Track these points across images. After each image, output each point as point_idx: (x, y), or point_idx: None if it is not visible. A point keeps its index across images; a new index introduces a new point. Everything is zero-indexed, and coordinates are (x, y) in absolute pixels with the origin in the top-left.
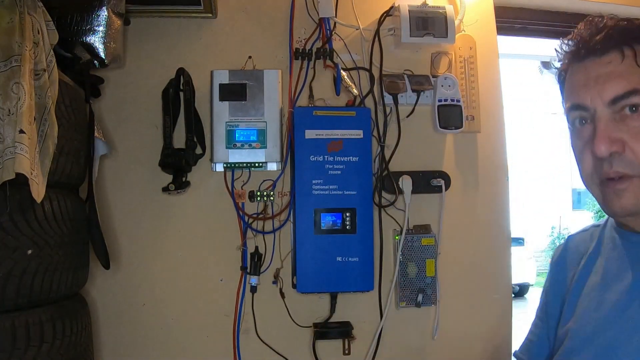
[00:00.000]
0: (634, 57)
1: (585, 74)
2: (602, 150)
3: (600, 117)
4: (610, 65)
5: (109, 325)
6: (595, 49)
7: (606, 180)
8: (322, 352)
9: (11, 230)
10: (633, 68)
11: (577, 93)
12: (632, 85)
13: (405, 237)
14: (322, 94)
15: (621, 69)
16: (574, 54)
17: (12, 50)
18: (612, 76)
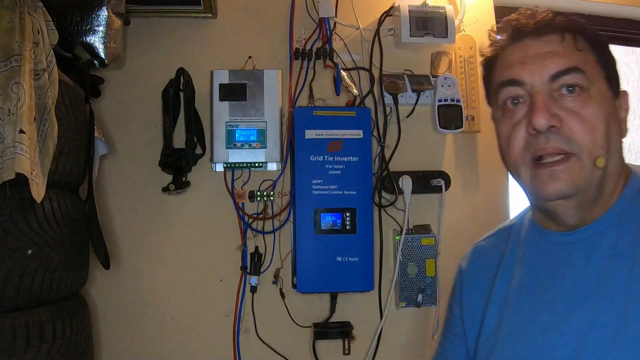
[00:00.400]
0: (574, 41)
1: (522, 52)
2: (542, 122)
3: (539, 92)
4: (550, 45)
5: (109, 325)
6: (535, 30)
7: (540, 161)
8: (322, 352)
9: (11, 230)
10: (572, 50)
11: (512, 69)
12: (573, 63)
13: (405, 237)
14: (322, 94)
15: (561, 49)
16: (510, 37)
17: (12, 50)
18: (552, 54)
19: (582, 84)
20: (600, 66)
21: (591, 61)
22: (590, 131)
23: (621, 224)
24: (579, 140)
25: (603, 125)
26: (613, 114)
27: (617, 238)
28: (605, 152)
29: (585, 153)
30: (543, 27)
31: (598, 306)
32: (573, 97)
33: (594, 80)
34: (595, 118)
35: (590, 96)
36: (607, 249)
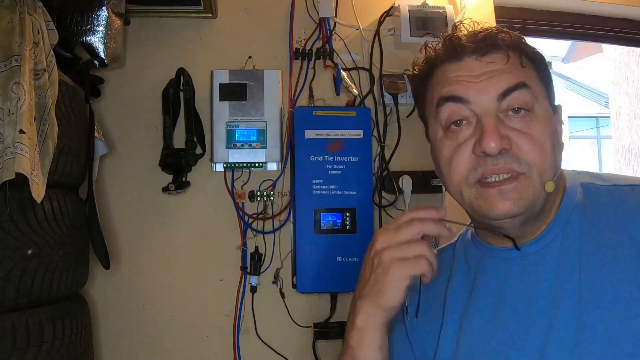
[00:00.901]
0: (519, 58)
1: (466, 71)
2: (493, 146)
3: (488, 114)
4: (495, 65)
5: (109, 325)
6: (476, 49)
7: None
8: (322, 352)
9: (11, 230)
10: (518, 68)
11: (455, 86)
12: (520, 79)
13: None
14: (322, 94)
15: (506, 67)
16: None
17: (12, 50)
18: (498, 72)
19: (528, 103)
20: (542, 83)
21: (534, 78)
22: (539, 150)
23: (565, 235)
24: (529, 159)
25: (550, 143)
26: (555, 131)
27: (562, 250)
28: (554, 172)
29: (535, 172)
30: (487, 46)
31: (553, 319)
32: (520, 118)
33: (538, 97)
34: (543, 137)
35: (535, 115)
36: (554, 262)
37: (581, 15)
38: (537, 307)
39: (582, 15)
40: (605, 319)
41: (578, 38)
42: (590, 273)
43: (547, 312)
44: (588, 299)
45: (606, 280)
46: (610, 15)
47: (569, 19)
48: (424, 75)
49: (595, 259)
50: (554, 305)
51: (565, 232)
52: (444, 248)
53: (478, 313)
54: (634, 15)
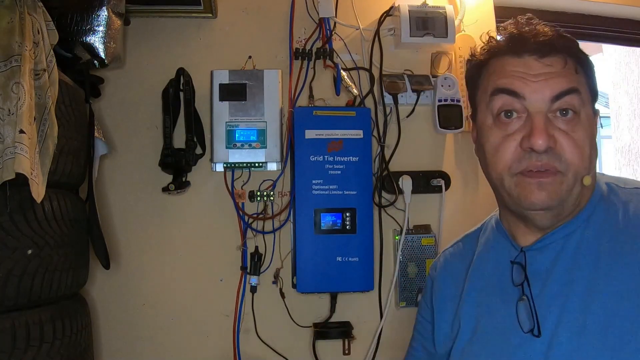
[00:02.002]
0: (575, 64)
1: (524, 69)
2: (541, 144)
3: (539, 112)
4: (552, 67)
5: (109, 325)
6: (537, 50)
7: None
8: (322, 352)
9: (11, 230)
10: (572, 73)
11: (512, 80)
12: (574, 84)
13: (405, 237)
14: (322, 94)
15: (563, 72)
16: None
17: (12, 50)
18: (555, 75)
19: (576, 107)
20: (590, 90)
21: (585, 85)
22: (579, 153)
23: (585, 228)
24: (569, 160)
25: (588, 147)
26: (594, 135)
27: (582, 238)
28: (589, 171)
29: (572, 171)
30: (547, 48)
31: (566, 302)
32: (566, 120)
33: (585, 103)
34: (584, 140)
35: (580, 120)
36: (573, 248)
37: (581, 15)
38: (552, 292)
39: (582, 15)
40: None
41: (578, 38)
42: (608, 263)
43: (561, 297)
44: (600, 285)
45: (623, 272)
46: (610, 15)
47: (569, 19)
48: (481, 63)
49: (614, 251)
50: (566, 290)
51: (587, 224)
52: (469, 235)
53: (495, 296)
54: (634, 15)
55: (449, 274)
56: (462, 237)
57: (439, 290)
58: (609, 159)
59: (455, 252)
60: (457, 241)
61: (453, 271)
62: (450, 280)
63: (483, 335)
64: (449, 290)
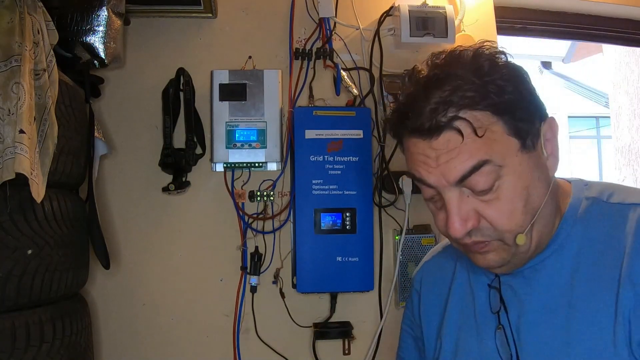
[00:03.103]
0: (472, 129)
1: (422, 152)
2: (458, 233)
3: (449, 199)
4: (449, 144)
5: (109, 325)
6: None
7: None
8: (322, 352)
9: (11, 230)
10: (473, 142)
11: (417, 168)
12: (477, 158)
13: (405, 237)
14: (322, 94)
15: (462, 147)
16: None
17: (12, 50)
18: (453, 155)
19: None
20: (512, 133)
21: (499, 137)
22: (508, 217)
23: (561, 250)
24: (499, 227)
25: (521, 203)
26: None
27: (556, 263)
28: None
29: (507, 236)
30: (431, 131)
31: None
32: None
33: (506, 157)
34: (511, 201)
35: (503, 181)
36: (547, 275)
37: (581, 15)
38: (528, 320)
39: (582, 15)
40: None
41: (578, 38)
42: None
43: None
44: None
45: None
46: (610, 15)
47: (569, 19)
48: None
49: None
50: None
51: (562, 248)
52: (447, 245)
53: (474, 319)
54: (634, 15)
55: (432, 289)
56: (442, 247)
57: (425, 305)
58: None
59: (436, 265)
60: (439, 251)
61: (436, 285)
62: (434, 297)
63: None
64: (432, 306)
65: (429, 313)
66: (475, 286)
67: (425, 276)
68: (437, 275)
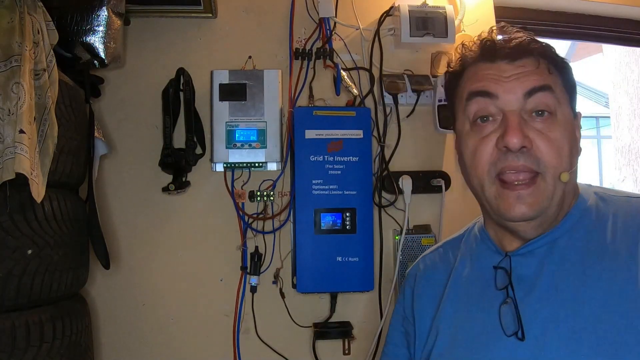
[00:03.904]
0: (547, 65)
1: (497, 72)
2: (515, 142)
3: (513, 112)
4: (525, 68)
5: (109, 325)
6: (509, 54)
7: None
8: (322, 352)
9: (11, 230)
10: (545, 72)
11: (486, 82)
12: (546, 82)
13: (405, 237)
14: (322, 94)
15: (535, 71)
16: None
17: (12, 50)
18: (527, 74)
19: (551, 106)
20: (566, 90)
21: (559, 84)
22: (556, 153)
23: (572, 235)
24: (546, 160)
25: (567, 146)
26: (574, 135)
27: (567, 246)
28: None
29: (551, 173)
30: (519, 51)
31: (553, 307)
32: (542, 120)
33: (561, 102)
34: (561, 140)
35: (556, 120)
36: (559, 255)
37: (581, 15)
38: (537, 297)
39: (582, 15)
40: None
41: (578, 38)
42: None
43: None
44: (586, 295)
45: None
46: (610, 15)
47: (569, 19)
48: (457, 72)
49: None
50: (554, 297)
51: (572, 232)
52: (450, 241)
53: (474, 302)
54: (634, 15)
55: (428, 282)
56: (442, 243)
57: (419, 299)
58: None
59: (435, 259)
60: (438, 247)
61: (432, 279)
62: (430, 290)
63: (462, 342)
64: (428, 299)
65: (424, 307)
66: (479, 271)
67: (421, 272)
68: (433, 271)
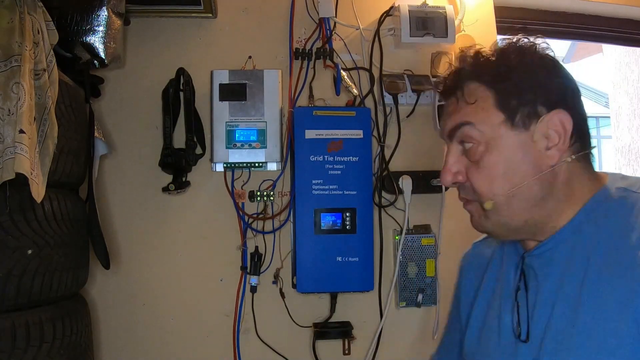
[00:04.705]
0: (464, 97)
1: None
2: (445, 181)
3: (447, 152)
4: (449, 107)
5: (109, 325)
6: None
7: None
8: (322, 352)
9: (11, 230)
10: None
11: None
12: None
13: (405, 237)
14: (322, 94)
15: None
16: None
17: (12, 50)
18: (449, 114)
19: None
20: (500, 109)
21: (487, 108)
22: (487, 180)
23: (579, 232)
24: (476, 188)
25: (499, 171)
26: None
27: (574, 245)
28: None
29: (482, 199)
30: (445, 93)
31: (555, 309)
32: (471, 152)
33: (489, 127)
34: (491, 167)
35: (486, 148)
36: (564, 256)
37: (581, 15)
38: (542, 298)
39: (582, 15)
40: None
41: (578, 38)
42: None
43: (550, 304)
44: (586, 298)
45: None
46: (610, 15)
47: (569, 19)
48: None
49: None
50: (555, 298)
51: (580, 231)
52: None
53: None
54: (634, 15)
55: (473, 266)
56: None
57: (464, 280)
58: (609, 159)
59: (484, 245)
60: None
61: (477, 264)
62: (473, 274)
63: (486, 334)
64: (470, 282)
65: (466, 296)
66: (507, 268)
67: (465, 263)
68: (474, 262)
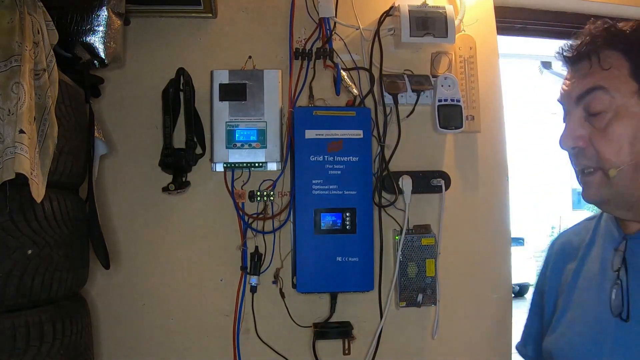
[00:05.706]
0: (599, 62)
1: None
2: (562, 145)
3: (570, 113)
4: (580, 72)
5: (109, 325)
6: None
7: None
8: (322, 352)
9: (11, 230)
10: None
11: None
12: (593, 84)
13: (405, 237)
14: (322, 94)
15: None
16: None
17: (12, 50)
18: (578, 78)
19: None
20: (635, 79)
21: (621, 76)
22: (615, 147)
23: None
24: (603, 157)
25: (628, 138)
26: None
27: None
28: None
29: (607, 166)
30: (573, 57)
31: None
32: (598, 119)
33: (622, 95)
34: (621, 134)
35: (615, 115)
36: None
37: (581, 15)
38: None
39: (582, 15)
40: None
41: None
42: None
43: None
44: None
45: None
46: (610, 15)
47: (569, 19)
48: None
49: None
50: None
51: None
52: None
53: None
54: (633, 15)
55: (560, 257)
56: (583, 219)
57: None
58: None
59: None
60: (578, 224)
61: (564, 253)
62: (561, 264)
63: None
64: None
65: (554, 278)
66: (604, 250)
67: (557, 247)
68: (566, 247)
